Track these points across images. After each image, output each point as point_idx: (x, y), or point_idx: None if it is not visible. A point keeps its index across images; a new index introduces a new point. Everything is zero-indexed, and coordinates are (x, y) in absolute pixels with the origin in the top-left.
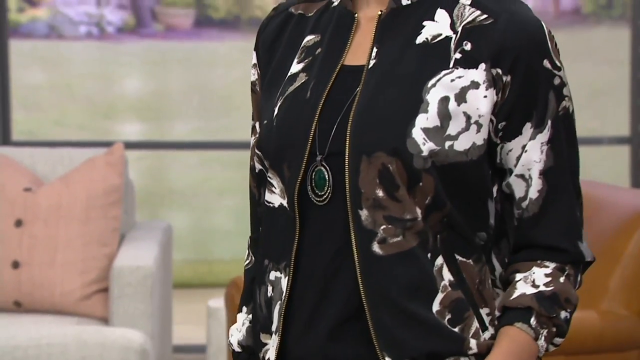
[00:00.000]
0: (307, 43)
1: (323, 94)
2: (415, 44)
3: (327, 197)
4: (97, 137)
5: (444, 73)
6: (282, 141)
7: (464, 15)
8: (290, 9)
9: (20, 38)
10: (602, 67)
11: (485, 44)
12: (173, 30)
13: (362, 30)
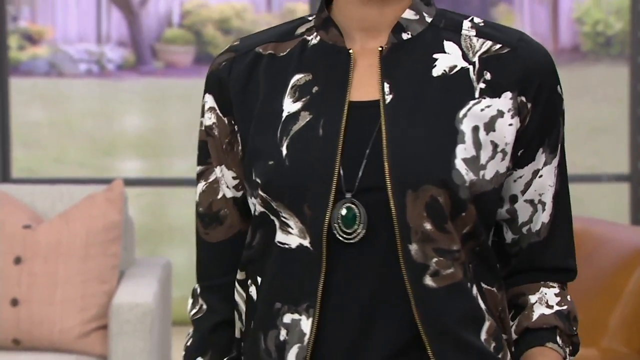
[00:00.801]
0: (297, 82)
1: (339, 130)
2: (433, 76)
3: (359, 235)
4: (97, 174)
5: (473, 103)
6: (299, 181)
7: (475, 46)
8: (257, 49)
9: (21, 76)
10: (602, 104)
11: (508, 73)
12: (173, 67)
13: (360, 65)
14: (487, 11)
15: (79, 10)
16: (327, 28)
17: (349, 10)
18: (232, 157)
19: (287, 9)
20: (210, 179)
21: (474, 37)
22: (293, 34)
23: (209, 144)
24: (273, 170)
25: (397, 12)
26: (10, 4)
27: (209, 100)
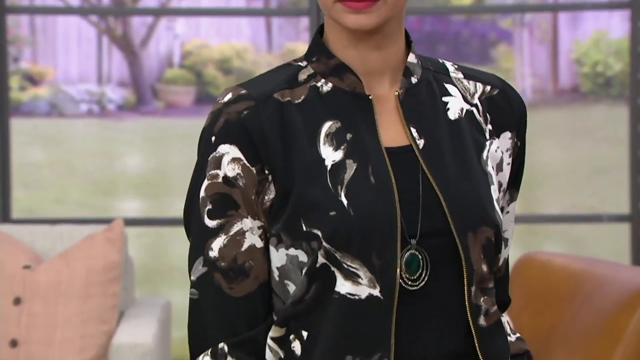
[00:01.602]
0: (329, 129)
1: (390, 178)
2: (451, 120)
3: (424, 280)
4: (97, 214)
5: (488, 145)
6: (366, 230)
7: (469, 88)
8: (275, 96)
9: (22, 116)
10: (602, 145)
11: (504, 113)
12: (174, 108)
13: (380, 110)
14: (487, 51)
15: (80, 51)
16: (341, 75)
17: (349, 55)
18: (260, 207)
19: (287, 49)
20: (232, 232)
21: (463, 79)
22: (297, 80)
23: (233, 195)
24: (337, 221)
25: (397, 55)
26: (12, 45)
27: (230, 151)
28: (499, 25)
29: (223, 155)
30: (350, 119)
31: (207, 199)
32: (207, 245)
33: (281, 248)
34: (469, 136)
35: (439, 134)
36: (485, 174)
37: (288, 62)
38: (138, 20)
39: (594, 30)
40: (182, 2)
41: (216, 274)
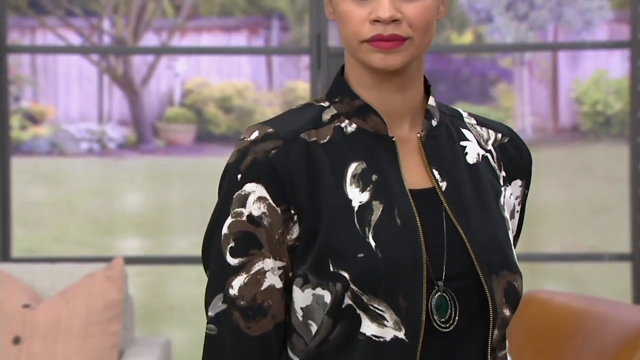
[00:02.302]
0: (355, 171)
1: (416, 220)
2: (470, 164)
3: (454, 322)
4: (98, 252)
5: (504, 191)
6: (393, 272)
7: (483, 135)
8: (302, 136)
9: (22, 155)
10: (602, 183)
11: (515, 161)
12: (174, 146)
13: (403, 152)
14: (487, 90)
15: (81, 90)
16: (365, 116)
17: (371, 97)
18: (284, 248)
19: (287, 87)
20: (253, 271)
21: (476, 125)
22: (321, 120)
23: (257, 235)
24: (365, 263)
25: (417, 98)
26: (13, 85)
27: (256, 190)
28: (499, 63)
29: (249, 194)
30: (374, 160)
31: (230, 236)
32: (228, 282)
33: (307, 288)
34: (488, 181)
35: (460, 177)
36: (503, 219)
37: (309, 102)
38: (139, 59)
39: (594, 69)
40: (183, 40)
41: (235, 312)
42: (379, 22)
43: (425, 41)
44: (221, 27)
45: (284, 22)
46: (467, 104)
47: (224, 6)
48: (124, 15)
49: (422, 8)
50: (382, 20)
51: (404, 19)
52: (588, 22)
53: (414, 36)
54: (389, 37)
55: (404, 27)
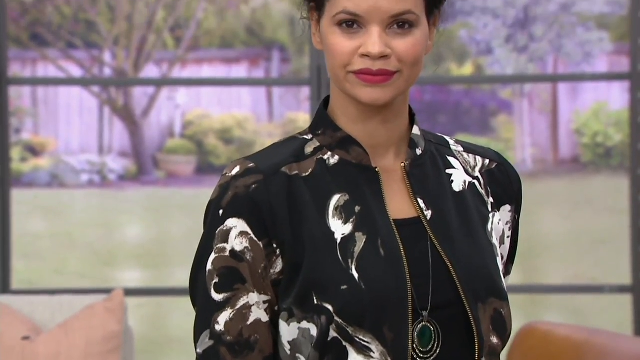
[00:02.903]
0: (338, 203)
1: (400, 250)
2: (456, 192)
3: (436, 352)
4: (97, 284)
5: (491, 217)
6: (378, 303)
7: (469, 162)
8: (283, 170)
9: (23, 187)
10: (603, 215)
11: (504, 187)
12: (174, 177)
13: (386, 182)
14: (487, 121)
15: (82, 122)
16: (347, 147)
17: (356, 128)
18: (267, 281)
19: (288, 119)
20: (238, 306)
21: (463, 152)
22: (304, 153)
23: (240, 269)
24: (349, 295)
25: (402, 128)
26: (13, 117)
27: (238, 225)
28: (499, 95)
29: (231, 229)
30: (358, 191)
31: (214, 272)
32: (214, 318)
33: (293, 322)
34: (474, 208)
35: (446, 205)
36: (491, 246)
37: (293, 136)
38: (139, 90)
39: (594, 101)
40: (184, 72)
41: (222, 348)
42: (368, 56)
43: (414, 75)
44: (222, 59)
45: (284, 53)
46: (467, 135)
47: (225, 38)
48: (124, 47)
49: (411, 44)
50: (371, 56)
51: (393, 54)
52: (588, 54)
53: (402, 70)
54: (377, 71)
55: (392, 61)
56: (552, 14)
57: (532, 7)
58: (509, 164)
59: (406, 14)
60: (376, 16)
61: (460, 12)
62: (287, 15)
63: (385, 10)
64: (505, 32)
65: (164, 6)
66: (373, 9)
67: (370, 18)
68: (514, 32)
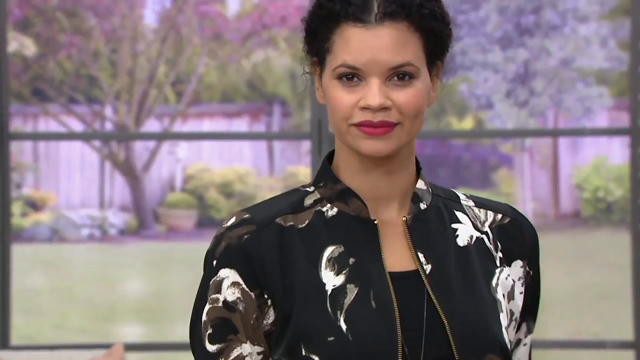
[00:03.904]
0: (332, 254)
1: (392, 303)
2: (460, 246)
3: None
4: (97, 339)
5: (498, 272)
6: (364, 356)
7: (479, 217)
8: (277, 220)
9: (23, 242)
10: (604, 270)
11: (516, 242)
12: (175, 232)
13: (387, 235)
14: (487, 175)
15: (83, 177)
16: (346, 199)
17: (359, 180)
18: (260, 332)
19: (289, 172)
20: (231, 357)
21: (474, 207)
22: (303, 205)
23: (233, 320)
24: (336, 346)
25: (406, 181)
26: (14, 172)
27: (230, 275)
28: (499, 149)
29: (223, 279)
30: (354, 243)
31: (208, 323)
32: None
33: None
34: (478, 263)
35: (447, 260)
36: (494, 301)
37: (296, 188)
38: (141, 145)
39: (594, 155)
40: (185, 126)
41: None
42: (368, 109)
43: (416, 127)
44: (223, 113)
45: (285, 107)
46: (467, 189)
47: (226, 92)
48: (126, 102)
49: (412, 95)
50: (371, 108)
51: (394, 106)
52: (588, 109)
53: (404, 122)
54: (378, 123)
55: (393, 113)
56: (553, 69)
57: (533, 62)
58: (524, 218)
59: (406, 66)
60: (375, 69)
61: (460, 67)
62: (288, 70)
63: (384, 63)
64: (505, 86)
65: (166, 61)
66: (372, 62)
67: (369, 71)
68: (515, 87)
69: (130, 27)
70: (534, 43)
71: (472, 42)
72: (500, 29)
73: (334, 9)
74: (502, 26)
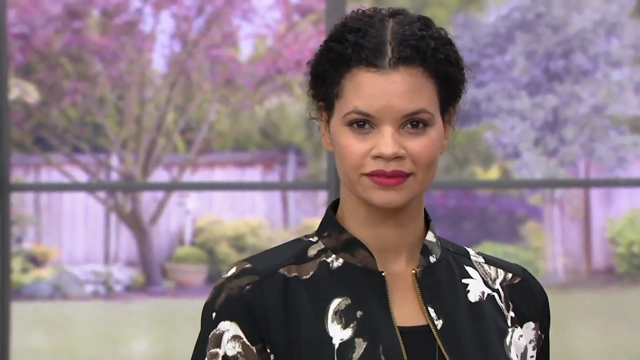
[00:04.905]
0: (338, 307)
1: (403, 358)
2: (471, 302)
3: None
4: None
5: (511, 331)
6: None
7: (490, 274)
8: (281, 271)
9: (23, 300)
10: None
11: (528, 303)
12: (184, 288)
13: (395, 288)
14: (515, 228)
15: (87, 230)
16: (352, 250)
17: (365, 231)
18: None
19: (304, 225)
20: None
21: (484, 264)
22: (306, 255)
23: None
24: None
25: (415, 233)
26: (15, 225)
27: (230, 328)
28: (527, 201)
29: (223, 332)
30: (361, 296)
31: None
32: None
33: None
34: (491, 320)
35: (459, 315)
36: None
37: (299, 238)
38: (148, 196)
39: (629, 208)
40: (195, 176)
41: None
42: (381, 158)
43: (429, 177)
44: (234, 162)
45: (300, 156)
46: (494, 243)
47: (238, 140)
48: (133, 151)
49: (426, 144)
50: (384, 157)
51: (407, 155)
52: (621, 158)
53: (417, 172)
54: (391, 173)
55: (407, 163)
56: (584, 116)
57: (562, 109)
58: (534, 279)
59: (420, 113)
60: (389, 116)
61: (485, 114)
62: (303, 117)
63: (398, 110)
64: (533, 134)
65: (175, 108)
66: (385, 108)
67: (382, 118)
68: (543, 135)
69: (137, 73)
70: (564, 89)
71: (497, 88)
72: (527, 74)
73: (345, 53)
74: (529, 71)
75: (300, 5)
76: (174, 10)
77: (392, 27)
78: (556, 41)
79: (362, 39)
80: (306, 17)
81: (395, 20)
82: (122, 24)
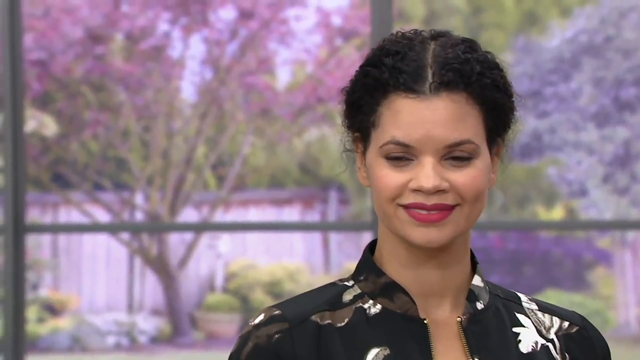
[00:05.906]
0: (377, 357)
1: None
2: (523, 353)
3: None
4: None
5: None
6: None
7: (544, 322)
8: (313, 318)
9: (39, 352)
10: None
11: (586, 355)
12: (215, 339)
13: (438, 337)
14: (581, 274)
15: (108, 276)
16: (391, 295)
17: (406, 274)
18: None
19: (347, 269)
20: None
21: (537, 311)
22: (341, 301)
23: None
24: None
25: (460, 276)
26: (31, 270)
27: None
28: (595, 244)
29: None
30: (401, 345)
31: None
32: None
33: None
34: None
35: None
36: None
37: (333, 282)
38: (176, 237)
39: None
40: (227, 216)
41: None
42: (420, 191)
43: (475, 213)
44: (271, 200)
45: (343, 193)
46: (558, 291)
47: (275, 176)
48: (159, 188)
49: (472, 175)
50: (424, 191)
51: (451, 188)
52: None
53: (463, 205)
54: (432, 206)
55: (451, 196)
56: None
57: (634, 142)
58: (593, 327)
59: (464, 144)
60: (430, 146)
61: (548, 147)
62: None
63: (440, 140)
64: (602, 170)
65: (205, 141)
66: (426, 138)
67: (422, 148)
68: (613, 171)
69: (165, 102)
70: (636, 120)
71: (562, 119)
72: (595, 104)
73: (382, 78)
74: (597, 100)
75: (343, 28)
76: (205, 34)
77: (434, 50)
78: (627, 67)
79: (400, 63)
80: (350, 41)
81: (437, 43)
82: (149, 49)
